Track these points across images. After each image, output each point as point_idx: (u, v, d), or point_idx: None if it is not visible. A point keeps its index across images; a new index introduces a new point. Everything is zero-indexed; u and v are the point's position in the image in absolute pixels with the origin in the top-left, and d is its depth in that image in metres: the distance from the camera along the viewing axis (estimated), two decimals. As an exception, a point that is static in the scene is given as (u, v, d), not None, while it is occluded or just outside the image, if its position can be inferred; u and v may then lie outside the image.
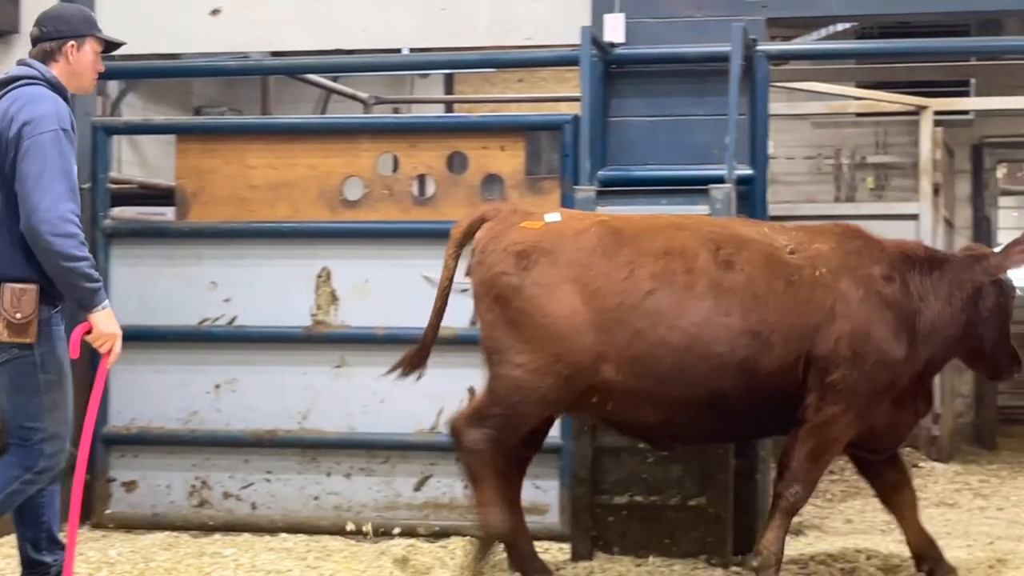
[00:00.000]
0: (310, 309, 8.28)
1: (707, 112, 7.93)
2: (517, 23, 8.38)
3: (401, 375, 6.90)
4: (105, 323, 5.84)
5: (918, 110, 11.89)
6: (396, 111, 13.72)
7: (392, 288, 8.20)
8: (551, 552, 7.62)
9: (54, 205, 5.67)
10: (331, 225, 8.32)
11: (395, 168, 8.48)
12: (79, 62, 6.15)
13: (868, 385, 6.54)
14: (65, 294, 5.87)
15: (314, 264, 8.31)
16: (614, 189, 7.70)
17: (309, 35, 8.67)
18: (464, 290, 8.01)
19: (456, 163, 8.39)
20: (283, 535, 8.03)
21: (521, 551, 6.81)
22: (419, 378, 6.92)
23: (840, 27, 11.54)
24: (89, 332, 5.86)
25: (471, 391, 8.06)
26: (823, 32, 11.66)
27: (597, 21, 8.04)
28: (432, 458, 8.17)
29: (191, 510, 8.37)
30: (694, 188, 7.47)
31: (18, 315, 5.78)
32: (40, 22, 6.18)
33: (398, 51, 9.50)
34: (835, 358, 6.48)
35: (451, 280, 6.75)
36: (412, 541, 7.76)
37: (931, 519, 8.99)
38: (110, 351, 5.89)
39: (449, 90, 14.55)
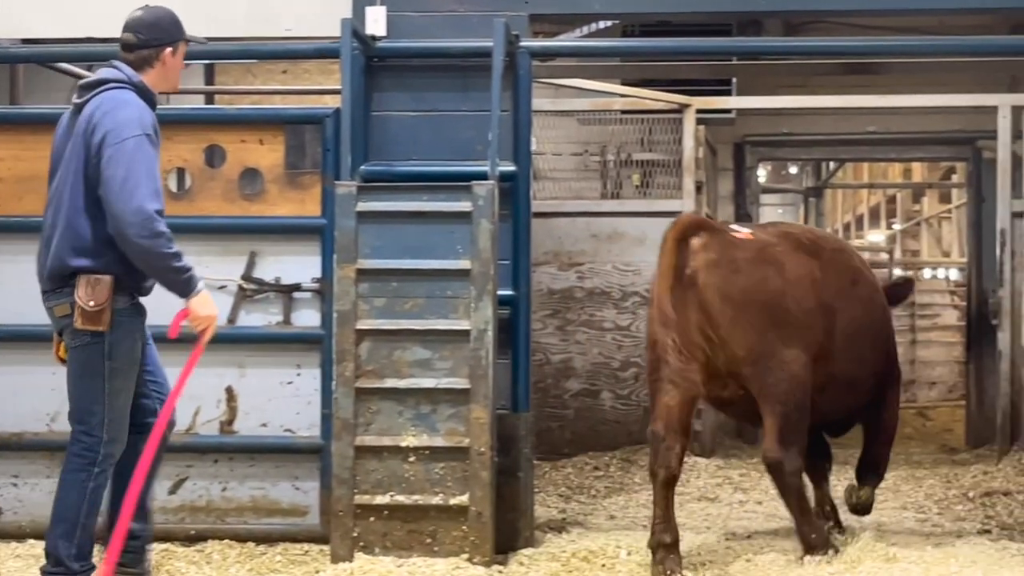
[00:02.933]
0: (60, 307, 8.00)
1: (470, 108, 7.94)
2: (277, 14, 8.31)
3: None
4: (202, 306, 6.24)
5: (681, 108, 12.06)
6: (155, 102, 13.36)
7: (147, 284, 7.96)
8: (311, 554, 7.55)
9: (140, 208, 5.97)
10: (82, 220, 8.02)
11: (151, 161, 8.24)
12: (173, 66, 6.42)
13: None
14: (163, 287, 6.23)
15: (64, 260, 8.01)
16: (376, 184, 7.66)
17: (60, 23, 8.46)
18: (221, 287, 7.86)
19: (214, 156, 8.20)
20: (31, 541, 7.70)
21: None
22: None
23: (604, 25, 11.62)
24: (187, 316, 6.29)
25: (229, 391, 7.92)
26: (587, 29, 11.74)
27: (359, 14, 7.96)
28: (188, 460, 7.95)
29: (-66, 517, 8.04)
30: (457, 184, 7.46)
31: (91, 303, 6.09)
32: (135, 29, 6.35)
33: (154, 40, 9.25)
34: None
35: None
36: (167, 546, 7.57)
37: (692, 514, 9.15)
38: (206, 330, 6.30)
39: (210, 81, 14.21)
